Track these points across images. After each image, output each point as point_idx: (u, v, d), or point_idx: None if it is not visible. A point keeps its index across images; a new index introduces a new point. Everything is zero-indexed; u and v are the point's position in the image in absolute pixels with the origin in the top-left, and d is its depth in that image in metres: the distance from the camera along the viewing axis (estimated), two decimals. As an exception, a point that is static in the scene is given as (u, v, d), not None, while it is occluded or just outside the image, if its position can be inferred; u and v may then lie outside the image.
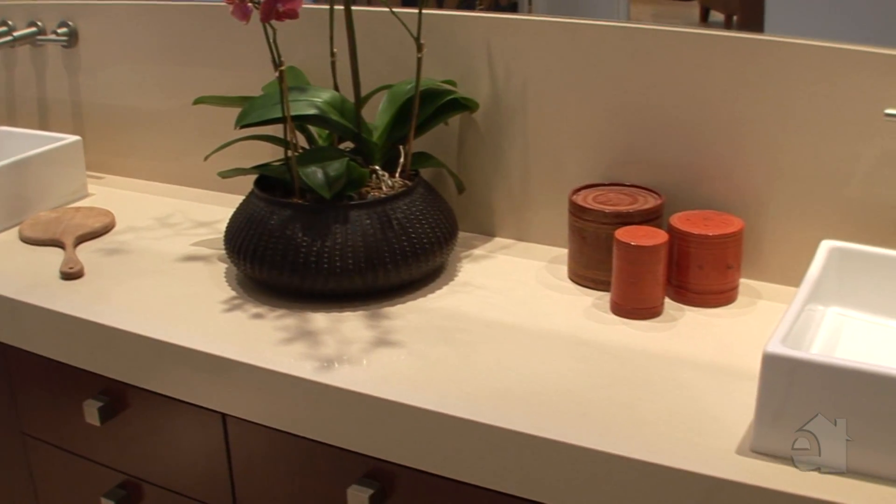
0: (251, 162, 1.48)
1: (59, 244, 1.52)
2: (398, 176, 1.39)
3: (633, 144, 1.37)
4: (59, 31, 1.81)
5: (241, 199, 1.43)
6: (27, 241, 1.54)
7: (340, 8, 1.38)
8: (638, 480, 0.97)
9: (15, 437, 1.48)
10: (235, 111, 1.42)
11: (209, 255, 1.48)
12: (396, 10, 1.37)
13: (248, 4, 1.22)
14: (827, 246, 1.16)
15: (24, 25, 1.84)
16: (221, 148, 1.43)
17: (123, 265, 1.45)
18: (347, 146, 1.43)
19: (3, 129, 1.80)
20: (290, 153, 1.32)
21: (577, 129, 1.41)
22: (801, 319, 1.03)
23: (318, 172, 1.30)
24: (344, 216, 1.28)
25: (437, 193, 1.39)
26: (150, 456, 1.34)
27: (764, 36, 1.26)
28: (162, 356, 1.23)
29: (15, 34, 1.81)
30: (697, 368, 1.13)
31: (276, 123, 1.35)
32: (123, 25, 1.74)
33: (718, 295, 1.27)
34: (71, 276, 1.40)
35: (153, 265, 1.44)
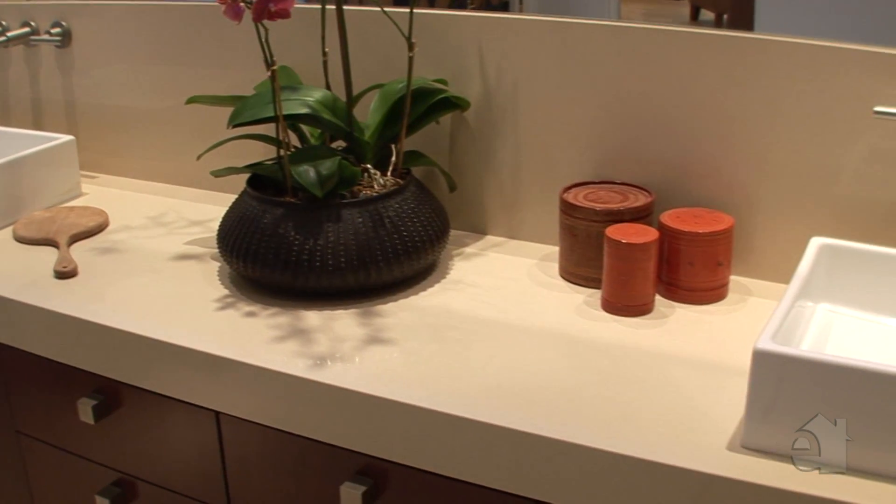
0: (244, 161, 1.48)
1: (52, 243, 1.52)
2: (390, 174, 1.39)
3: (623, 142, 1.38)
4: (52, 31, 1.81)
5: (233, 197, 1.43)
6: (21, 240, 1.54)
7: (332, 7, 1.38)
8: (629, 476, 0.98)
9: (9, 435, 1.49)
10: (228, 110, 1.42)
11: (202, 253, 1.48)
12: (388, 9, 1.38)
13: (240, 4, 1.23)
14: (816, 243, 1.17)
15: (17, 25, 1.84)
16: (214, 147, 1.44)
17: (117, 264, 1.45)
18: (339, 145, 1.43)
19: (-4, 129, 1.81)
20: (282, 152, 1.32)
21: (567, 127, 1.41)
22: (790, 316, 1.04)
23: (310, 171, 1.30)
24: (336, 215, 1.29)
25: (428, 192, 1.40)
26: (144, 454, 1.34)
27: (753, 34, 1.26)
28: (155, 355, 1.24)
29: (8, 34, 1.81)
30: (688, 365, 1.14)
31: (268, 122, 1.35)
32: (116, 25, 1.75)
33: (709, 292, 1.28)
34: (65, 275, 1.41)
35: (147, 264, 1.45)
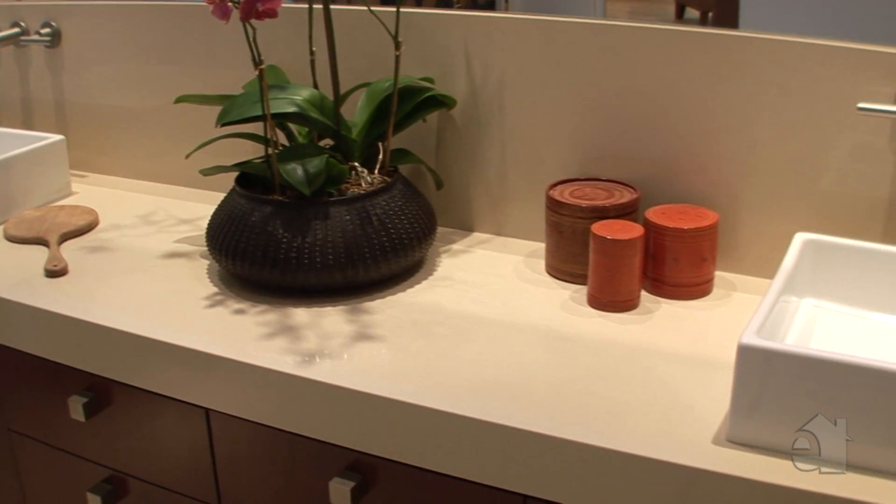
0: (232, 159, 1.49)
1: (43, 242, 1.52)
2: (377, 172, 1.40)
3: (609, 140, 1.38)
4: (42, 31, 1.81)
5: (222, 196, 1.44)
6: (11, 239, 1.55)
7: (319, 7, 1.39)
8: (616, 471, 0.98)
9: (1, 433, 1.49)
10: (216, 110, 1.42)
11: (191, 251, 1.48)
12: (375, 8, 1.38)
13: (228, 4, 1.23)
14: (801, 238, 1.17)
15: (7, 26, 1.84)
16: (203, 146, 1.44)
17: (107, 262, 1.45)
18: (327, 143, 1.43)
19: (-14, 128, 1.81)
20: (270, 150, 1.33)
21: (553, 124, 1.42)
22: (775, 311, 1.04)
23: (298, 169, 1.30)
24: (324, 212, 1.29)
25: (415, 189, 1.40)
26: (134, 451, 1.34)
27: (738, 32, 1.27)
28: (146, 352, 1.24)
29: (-2, 35, 1.81)
30: (673, 360, 1.14)
31: (256, 121, 1.35)
32: (106, 26, 1.75)
33: (694, 287, 1.28)
34: (55, 273, 1.41)
35: (136, 262, 1.45)
